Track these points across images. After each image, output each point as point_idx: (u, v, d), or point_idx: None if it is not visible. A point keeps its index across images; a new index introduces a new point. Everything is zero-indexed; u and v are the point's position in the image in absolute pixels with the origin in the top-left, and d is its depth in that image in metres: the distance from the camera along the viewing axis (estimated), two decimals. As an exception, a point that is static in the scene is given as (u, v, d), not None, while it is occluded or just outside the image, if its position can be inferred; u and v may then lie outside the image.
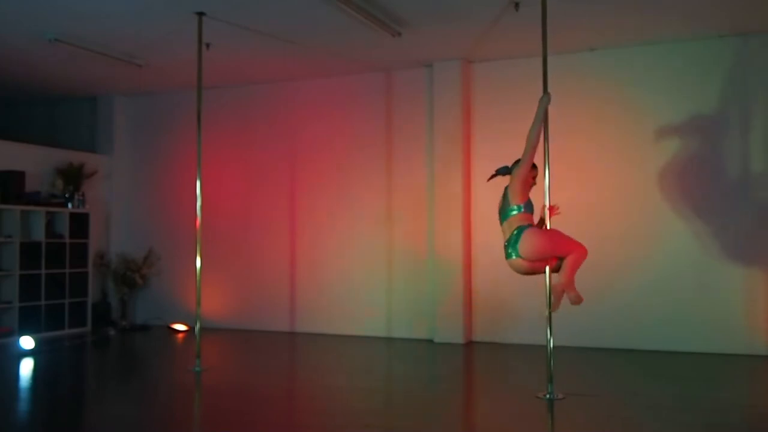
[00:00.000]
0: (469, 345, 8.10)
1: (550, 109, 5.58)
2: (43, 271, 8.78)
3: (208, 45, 7.18)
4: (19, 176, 8.70)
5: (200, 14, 6.64)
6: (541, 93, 5.65)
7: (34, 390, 6.27)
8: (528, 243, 5.15)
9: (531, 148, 5.28)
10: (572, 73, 7.86)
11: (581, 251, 5.23)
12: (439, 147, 8.33)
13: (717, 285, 7.35)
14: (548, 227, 5.48)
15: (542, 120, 5.40)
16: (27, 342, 7.85)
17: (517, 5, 6.36)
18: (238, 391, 5.93)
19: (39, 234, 8.81)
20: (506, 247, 5.27)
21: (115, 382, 6.69)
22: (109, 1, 6.45)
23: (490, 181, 5.52)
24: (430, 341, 8.31)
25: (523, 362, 7.13)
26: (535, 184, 5.43)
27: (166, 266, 9.86)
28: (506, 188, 5.35)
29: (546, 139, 5.61)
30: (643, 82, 7.75)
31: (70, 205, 9.17)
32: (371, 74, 8.85)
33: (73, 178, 9.24)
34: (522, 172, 5.27)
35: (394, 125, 8.76)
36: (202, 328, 6.83)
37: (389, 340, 8.50)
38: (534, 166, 5.37)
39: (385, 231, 8.73)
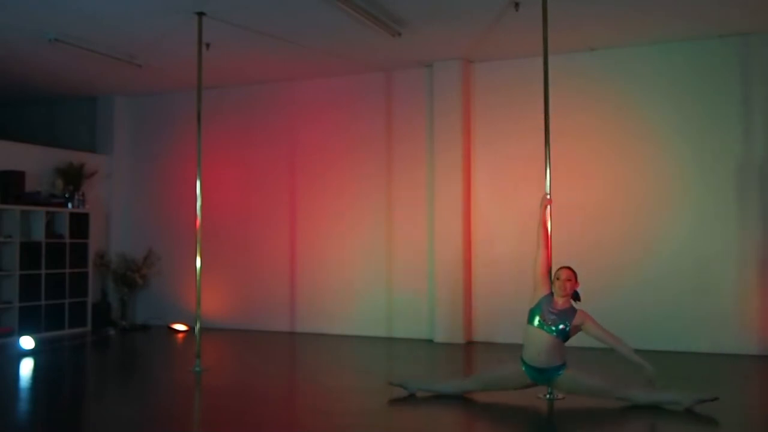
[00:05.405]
0: (469, 345, 8.10)
1: (551, 108, 5.58)
2: (43, 271, 8.78)
3: (208, 45, 7.17)
4: (19, 176, 8.70)
5: (200, 14, 6.64)
6: (541, 93, 5.65)
7: (34, 390, 6.26)
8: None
9: (539, 248, 5.40)
10: (572, 73, 7.86)
11: None
12: (439, 147, 8.32)
13: (716, 285, 7.36)
14: (548, 220, 5.46)
15: (543, 222, 5.43)
16: (27, 342, 7.85)
17: (517, 5, 6.36)
18: (238, 391, 5.93)
19: (39, 234, 8.81)
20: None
21: (115, 382, 6.69)
22: (109, 1, 6.45)
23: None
24: (430, 341, 8.31)
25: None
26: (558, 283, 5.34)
27: (166, 266, 9.86)
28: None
29: (546, 139, 5.62)
30: (643, 82, 7.75)
31: (70, 205, 9.17)
32: (371, 74, 8.85)
33: (73, 178, 9.24)
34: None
35: (394, 125, 8.76)
36: (202, 328, 6.82)
37: (389, 340, 8.50)
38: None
39: (385, 231, 8.73)
